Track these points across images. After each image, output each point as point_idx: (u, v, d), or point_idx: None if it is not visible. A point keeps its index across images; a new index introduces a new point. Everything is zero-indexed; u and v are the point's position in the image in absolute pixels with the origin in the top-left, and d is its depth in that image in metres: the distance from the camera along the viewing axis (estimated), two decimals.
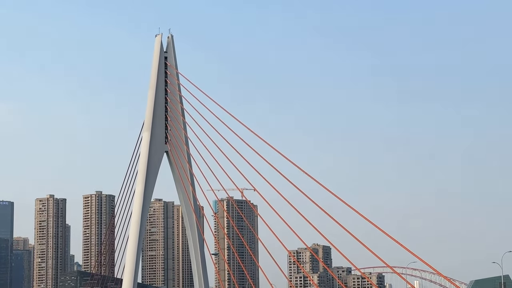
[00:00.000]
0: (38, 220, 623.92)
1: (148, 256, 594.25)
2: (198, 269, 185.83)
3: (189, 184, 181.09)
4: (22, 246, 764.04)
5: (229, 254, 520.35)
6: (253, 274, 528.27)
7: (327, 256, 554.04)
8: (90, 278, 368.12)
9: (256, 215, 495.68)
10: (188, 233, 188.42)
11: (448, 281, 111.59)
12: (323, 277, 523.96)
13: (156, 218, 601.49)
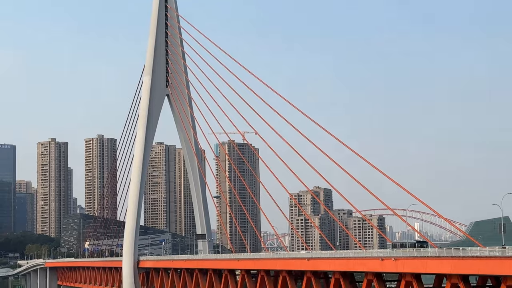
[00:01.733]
0: (40, 163, 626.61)
1: (150, 199, 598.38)
2: (200, 212, 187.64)
3: (190, 127, 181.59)
4: (25, 189, 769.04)
5: (231, 197, 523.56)
6: (254, 216, 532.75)
7: (328, 198, 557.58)
8: (93, 221, 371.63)
9: (257, 158, 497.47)
10: (190, 176, 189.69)
11: (448, 222, 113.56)
12: (324, 219, 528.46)
13: (158, 161, 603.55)
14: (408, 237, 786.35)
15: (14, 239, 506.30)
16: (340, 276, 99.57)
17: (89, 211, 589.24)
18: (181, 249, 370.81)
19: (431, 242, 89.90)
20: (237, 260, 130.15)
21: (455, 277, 78.34)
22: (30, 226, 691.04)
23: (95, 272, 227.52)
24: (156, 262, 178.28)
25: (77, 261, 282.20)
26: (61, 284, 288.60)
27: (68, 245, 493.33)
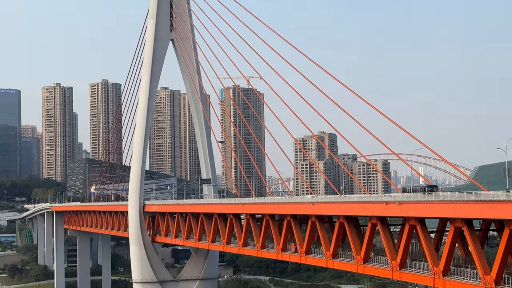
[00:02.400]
0: (46, 108, 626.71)
1: (155, 144, 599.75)
2: (205, 156, 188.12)
3: (195, 72, 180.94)
4: (31, 134, 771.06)
5: (236, 142, 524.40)
6: (259, 161, 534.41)
7: (333, 143, 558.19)
8: (98, 166, 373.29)
9: (262, 103, 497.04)
10: (195, 121, 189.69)
11: (453, 167, 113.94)
12: (329, 164, 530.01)
13: (163, 106, 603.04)
14: (412, 181, 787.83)
15: (20, 183, 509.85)
16: (344, 220, 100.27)
17: (95, 155, 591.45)
18: (186, 194, 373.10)
19: None
20: (242, 205, 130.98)
21: (458, 221, 78.83)
22: (36, 171, 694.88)
23: (101, 216, 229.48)
24: (161, 207, 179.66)
25: (83, 205, 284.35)
26: (67, 228, 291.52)
27: (74, 189, 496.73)
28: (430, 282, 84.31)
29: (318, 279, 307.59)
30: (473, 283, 77.69)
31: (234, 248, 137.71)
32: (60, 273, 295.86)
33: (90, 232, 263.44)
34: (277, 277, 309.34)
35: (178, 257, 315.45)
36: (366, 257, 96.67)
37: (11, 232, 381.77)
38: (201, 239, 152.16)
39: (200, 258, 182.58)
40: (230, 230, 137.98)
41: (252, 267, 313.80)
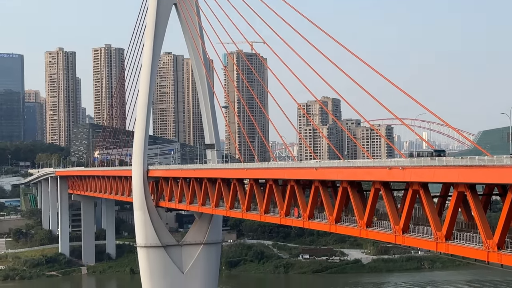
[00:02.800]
0: (49, 73, 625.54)
1: (158, 109, 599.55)
2: (208, 121, 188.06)
3: (198, 37, 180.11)
4: (34, 99, 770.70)
5: (239, 107, 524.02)
6: (263, 126, 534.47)
7: (336, 108, 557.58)
8: (102, 131, 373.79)
9: (265, 68, 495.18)
10: (198, 86, 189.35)
11: (456, 132, 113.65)
12: (332, 129, 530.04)
13: (166, 71, 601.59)
14: (416, 146, 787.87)
15: (24, 148, 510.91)
16: (347, 185, 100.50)
17: (98, 120, 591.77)
18: (190, 159, 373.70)
19: None
20: (246, 170, 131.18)
21: (462, 186, 78.99)
22: (40, 136, 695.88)
23: (105, 181, 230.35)
24: (165, 171, 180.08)
25: (87, 170, 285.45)
26: (71, 193, 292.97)
27: (78, 154, 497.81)
28: (432, 247, 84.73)
29: (321, 243, 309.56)
30: (475, 247, 78.07)
31: (238, 213, 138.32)
32: (65, 238, 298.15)
33: (94, 197, 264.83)
34: (281, 241, 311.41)
35: (182, 222, 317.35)
36: (369, 221, 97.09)
37: (15, 197, 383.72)
38: (205, 204, 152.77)
39: (203, 223, 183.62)
40: (234, 195, 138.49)
41: (256, 231, 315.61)
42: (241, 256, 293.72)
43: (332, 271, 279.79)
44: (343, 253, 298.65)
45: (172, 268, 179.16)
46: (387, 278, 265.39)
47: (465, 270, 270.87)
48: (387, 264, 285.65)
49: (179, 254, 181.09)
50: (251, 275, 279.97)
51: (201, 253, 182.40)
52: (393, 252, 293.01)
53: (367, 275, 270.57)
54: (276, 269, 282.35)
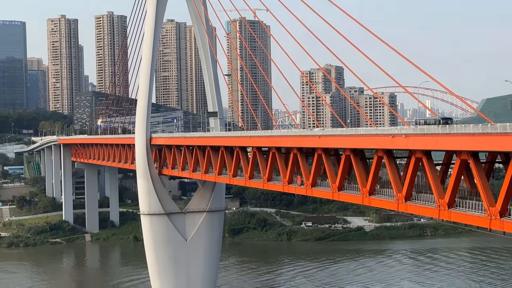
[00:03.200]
0: (51, 40, 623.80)
1: (161, 77, 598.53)
2: (211, 89, 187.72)
3: (201, 4, 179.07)
4: (36, 67, 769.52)
5: (242, 75, 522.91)
6: (266, 94, 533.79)
7: (340, 76, 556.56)
8: (105, 98, 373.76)
9: (268, 36, 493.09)
10: (201, 54, 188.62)
11: (460, 99, 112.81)
12: (335, 97, 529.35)
13: (169, 39, 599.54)
14: (419, 114, 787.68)
15: (27, 116, 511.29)
16: (350, 153, 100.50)
17: (101, 88, 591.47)
18: (193, 127, 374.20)
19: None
20: (249, 138, 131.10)
21: (465, 154, 79.00)
22: (42, 104, 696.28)
23: (108, 149, 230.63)
24: (168, 139, 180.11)
25: (90, 138, 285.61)
26: (75, 161, 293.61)
27: (81, 122, 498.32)
28: (435, 214, 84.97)
29: (324, 211, 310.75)
30: (478, 215, 78.29)
31: (241, 180, 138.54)
32: (68, 205, 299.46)
33: (97, 164, 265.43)
34: (283, 209, 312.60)
35: (185, 190, 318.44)
36: (371, 189, 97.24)
37: (18, 165, 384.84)
38: (208, 171, 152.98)
39: (206, 191, 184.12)
40: (237, 163, 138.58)
41: (259, 199, 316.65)
42: (244, 223, 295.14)
43: (335, 238, 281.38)
44: (346, 221, 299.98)
45: (175, 236, 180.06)
46: (390, 245, 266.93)
47: (467, 238, 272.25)
48: (389, 232, 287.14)
49: (182, 221, 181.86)
50: (254, 242, 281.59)
51: (204, 221, 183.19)
52: (396, 220, 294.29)
53: (369, 243, 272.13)
54: (279, 237, 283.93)
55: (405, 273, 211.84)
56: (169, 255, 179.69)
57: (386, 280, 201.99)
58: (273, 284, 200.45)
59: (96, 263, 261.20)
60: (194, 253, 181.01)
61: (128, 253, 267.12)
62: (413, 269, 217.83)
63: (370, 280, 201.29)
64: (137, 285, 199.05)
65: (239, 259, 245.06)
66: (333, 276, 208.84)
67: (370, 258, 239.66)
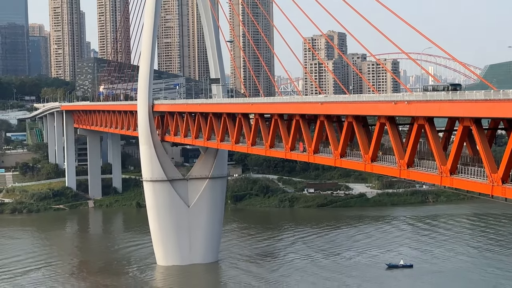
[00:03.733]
0: (52, 6, 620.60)
1: (163, 43, 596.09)
2: (213, 56, 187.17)
3: None
4: (38, 33, 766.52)
5: (244, 41, 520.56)
6: (268, 61, 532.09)
7: (342, 43, 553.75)
8: (107, 65, 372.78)
9: (271, 2, 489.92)
10: (203, 20, 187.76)
11: (463, 66, 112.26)
12: (338, 63, 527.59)
13: (171, 5, 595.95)
14: (422, 81, 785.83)
15: (29, 82, 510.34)
16: (353, 120, 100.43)
17: (103, 55, 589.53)
18: (195, 93, 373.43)
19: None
20: (251, 104, 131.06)
21: (467, 120, 78.89)
22: (44, 70, 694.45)
23: (111, 115, 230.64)
24: (170, 106, 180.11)
25: (92, 104, 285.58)
26: (77, 127, 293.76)
27: (83, 89, 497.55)
28: (437, 181, 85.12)
29: (326, 178, 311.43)
30: (480, 181, 78.42)
31: (243, 147, 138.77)
32: (71, 172, 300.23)
33: (100, 131, 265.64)
34: (286, 176, 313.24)
35: (188, 156, 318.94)
36: (374, 156, 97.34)
37: (21, 131, 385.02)
38: (210, 138, 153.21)
39: (209, 158, 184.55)
40: (239, 129, 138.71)
41: (261, 166, 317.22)
42: (246, 190, 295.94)
43: (337, 205, 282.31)
44: (348, 188, 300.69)
45: (178, 202, 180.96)
46: (391, 211, 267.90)
47: (469, 204, 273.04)
48: (391, 198, 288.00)
49: (184, 188, 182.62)
50: (256, 208, 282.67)
51: (207, 187, 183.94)
52: (398, 186, 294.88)
53: (371, 209, 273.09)
54: (281, 203, 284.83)
55: (404, 239, 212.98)
56: (172, 221, 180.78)
57: (384, 246, 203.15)
58: (273, 250, 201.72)
59: (99, 229, 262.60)
60: (196, 220, 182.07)
61: (130, 219, 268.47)
62: (412, 236, 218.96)
63: (368, 246, 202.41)
64: (140, 251, 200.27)
65: (241, 225, 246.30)
66: (332, 242, 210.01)
67: (371, 224, 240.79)
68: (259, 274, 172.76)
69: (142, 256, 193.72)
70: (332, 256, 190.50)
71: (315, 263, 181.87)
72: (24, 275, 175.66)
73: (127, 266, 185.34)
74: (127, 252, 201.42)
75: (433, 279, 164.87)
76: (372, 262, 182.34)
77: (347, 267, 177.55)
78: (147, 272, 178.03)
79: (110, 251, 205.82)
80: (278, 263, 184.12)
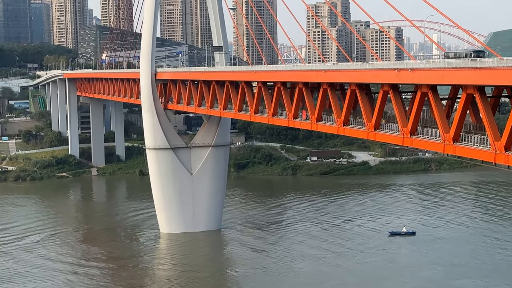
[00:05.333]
0: None
1: (166, 10, 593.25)
2: (216, 24, 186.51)
3: None
4: (40, 0, 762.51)
5: (247, 9, 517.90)
6: (271, 29, 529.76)
7: (346, 10, 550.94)
8: (109, 33, 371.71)
9: None
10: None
11: (467, 33, 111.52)
12: (341, 31, 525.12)
13: None
14: (425, 48, 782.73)
15: (32, 50, 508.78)
16: (356, 88, 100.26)
17: (105, 22, 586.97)
18: (198, 61, 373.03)
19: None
20: (254, 72, 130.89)
21: (471, 88, 78.70)
22: (47, 37, 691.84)
23: (113, 83, 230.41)
24: (173, 74, 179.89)
25: (95, 72, 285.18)
26: (80, 95, 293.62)
27: (86, 56, 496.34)
28: (440, 149, 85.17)
29: (329, 146, 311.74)
30: (483, 149, 78.47)
31: (246, 115, 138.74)
32: (74, 139, 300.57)
33: (103, 99, 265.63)
34: (289, 144, 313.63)
35: (190, 124, 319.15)
36: (377, 124, 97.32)
37: (24, 99, 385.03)
38: (213, 106, 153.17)
39: (212, 125, 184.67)
40: (242, 97, 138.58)
41: (264, 134, 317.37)
42: (249, 158, 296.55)
43: (340, 173, 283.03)
44: (351, 156, 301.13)
45: (181, 170, 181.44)
46: (394, 179, 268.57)
47: (471, 172, 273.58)
48: (394, 166, 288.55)
49: (187, 156, 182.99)
50: (259, 176, 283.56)
51: (210, 155, 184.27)
52: (401, 154, 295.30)
53: (374, 177, 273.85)
54: (284, 171, 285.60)
55: (406, 207, 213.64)
56: (175, 189, 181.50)
57: (387, 214, 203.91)
58: (276, 217, 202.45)
59: (103, 197, 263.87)
60: (199, 188, 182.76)
61: (134, 187, 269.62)
62: (414, 203, 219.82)
63: (371, 214, 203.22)
64: (143, 218, 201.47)
65: (245, 193, 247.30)
66: (335, 210, 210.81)
67: (373, 192, 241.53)
68: (262, 240, 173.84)
69: (146, 223, 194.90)
70: (334, 224, 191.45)
71: (318, 231, 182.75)
72: (27, 239, 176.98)
73: (131, 233, 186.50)
74: (131, 220, 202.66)
75: (435, 246, 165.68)
76: (375, 230, 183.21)
77: (350, 235, 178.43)
78: (150, 239, 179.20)
79: (114, 219, 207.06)
80: (281, 230, 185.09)
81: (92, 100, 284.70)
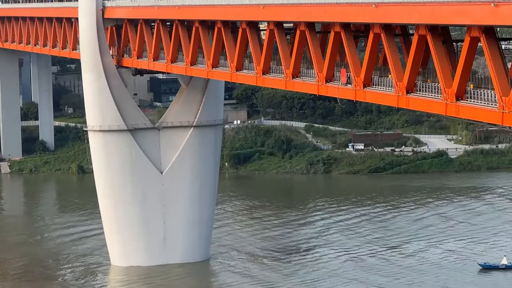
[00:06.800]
0: None
1: None
2: None
3: None
4: None
5: None
6: None
7: None
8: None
9: None
10: None
11: None
12: None
13: None
14: None
15: None
16: (427, 33, 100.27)
17: None
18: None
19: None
20: (262, 7, 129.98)
21: None
22: None
23: (35, 25, 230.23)
24: (132, 10, 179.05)
25: (6, 7, 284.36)
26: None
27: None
28: None
29: (383, 126, 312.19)
30: None
31: (250, 76, 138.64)
32: None
33: (18, 51, 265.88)
34: (318, 123, 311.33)
35: (159, 92, 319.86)
36: (460, 90, 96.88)
37: None
38: (196, 62, 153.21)
39: (194, 94, 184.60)
40: (243, 47, 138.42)
41: (278, 107, 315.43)
42: (254, 146, 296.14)
43: (401, 169, 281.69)
44: (419, 141, 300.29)
45: (145, 165, 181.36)
46: (487, 179, 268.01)
47: None
48: (487, 159, 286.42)
49: (155, 142, 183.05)
50: (270, 176, 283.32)
51: (190, 142, 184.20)
52: (498, 140, 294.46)
53: (456, 176, 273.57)
54: (311, 167, 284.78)
55: (506, 226, 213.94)
56: (135, 196, 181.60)
57: (475, 235, 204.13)
58: (292, 242, 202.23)
59: (19, 209, 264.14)
60: (173, 194, 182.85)
61: (68, 192, 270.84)
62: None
63: (448, 236, 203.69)
64: (84, 243, 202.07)
65: (247, 202, 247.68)
66: (389, 229, 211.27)
67: (453, 200, 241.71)
68: (267, 281, 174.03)
69: (88, 251, 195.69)
70: (387, 251, 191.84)
71: (359, 263, 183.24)
72: None
73: (65, 267, 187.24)
74: (64, 246, 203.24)
75: None
76: (459, 261, 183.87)
77: (412, 269, 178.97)
78: (95, 277, 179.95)
79: (37, 244, 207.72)
80: (300, 263, 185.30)
81: (1, 53, 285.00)
